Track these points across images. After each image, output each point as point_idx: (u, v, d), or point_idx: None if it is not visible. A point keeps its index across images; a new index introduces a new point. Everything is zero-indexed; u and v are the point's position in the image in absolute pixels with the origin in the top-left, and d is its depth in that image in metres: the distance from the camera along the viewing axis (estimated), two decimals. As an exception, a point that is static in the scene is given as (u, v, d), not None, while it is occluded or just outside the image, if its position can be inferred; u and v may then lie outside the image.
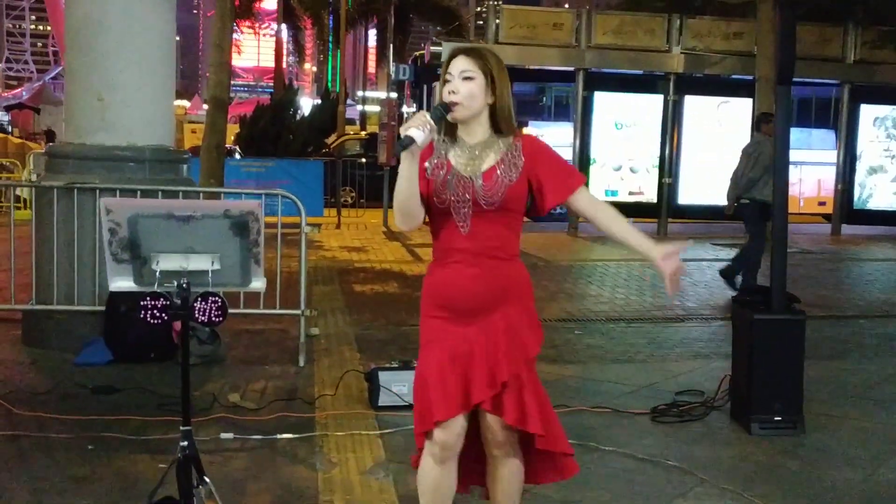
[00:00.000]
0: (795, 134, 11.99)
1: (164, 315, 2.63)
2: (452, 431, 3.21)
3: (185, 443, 2.71)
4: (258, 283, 2.74)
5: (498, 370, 3.15)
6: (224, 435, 5.01)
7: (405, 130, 2.96)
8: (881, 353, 7.63)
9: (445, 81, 3.19)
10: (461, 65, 3.17)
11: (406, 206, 3.09)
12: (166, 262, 2.61)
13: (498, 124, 3.24)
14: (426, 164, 3.17)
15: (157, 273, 2.62)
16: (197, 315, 2.64)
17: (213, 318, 2.65)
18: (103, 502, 4.11)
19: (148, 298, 2.61)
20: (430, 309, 3.27)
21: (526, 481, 3.45)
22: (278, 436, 5.07)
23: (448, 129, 3.25)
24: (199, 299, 2.67)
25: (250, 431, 5.11)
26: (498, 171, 3.17)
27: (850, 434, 5.42)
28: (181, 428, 2.75)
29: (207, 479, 2.74)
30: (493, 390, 3.15)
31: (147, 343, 6.49)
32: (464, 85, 3.14)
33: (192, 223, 2.60)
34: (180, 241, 2.61)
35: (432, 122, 3.01)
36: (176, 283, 2.63)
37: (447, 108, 3.12)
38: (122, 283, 2.65)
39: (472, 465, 3.42)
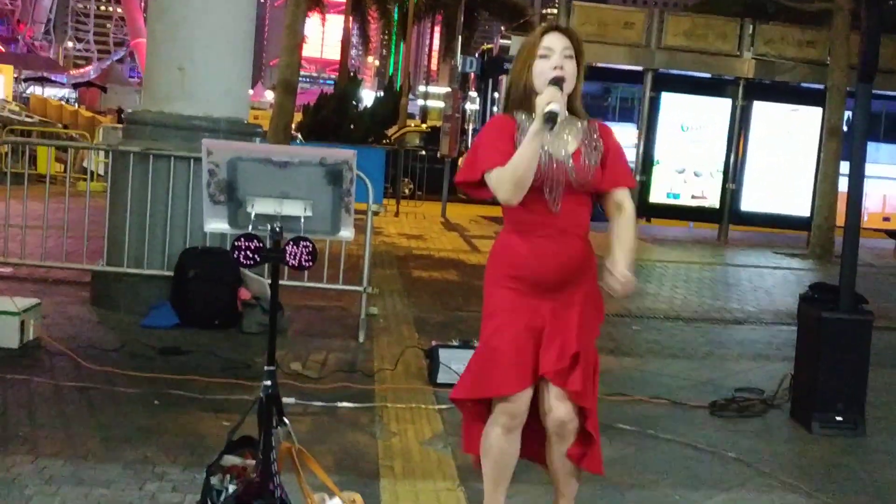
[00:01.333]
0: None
1: (256, 256, 2.70)
2: (522, 401, 3.23)
3: (269, 382, 2.77)
4: (347, 233, 2.80)
5: (570, 344, 3.18)
6: (286, 399, 5.04)
7: (546, 106, 3.01)
8: (945, 366, 7.50)
9: (542, 56, 3.22)
10: (562, 42, 3.22)
11: (525, 177, 3.09)
12: (261, 206, 2.68)
13: (574, 106, 3.29)
14: (515, 141, 3.19)
15: (252, 216, 2.70)
16: (288, 258, 2.71)
17: (304, 263, 2.71)
18: (169, 452, 4.20)
19: (242, 239, 2.67)
20: (503, 279, 3.29)
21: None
22: (339, 404, 5.15)
23: (532, 108, 3.24)
24: (291, 243, 2.73)
25: (311, 398, 5.19)
26: (584, 153, 3.24)
27: (913, 439, 5.35)
28: (265, 368, 2.81)
29: (287, 421, 2.81)
30: (562, 363, 3.18)
31: (212, 309, 6.62)
32: (568, 63, 3.21)
33: (288, 169, 2.67)
34: (276, 185, 2.68)
35: (560, 94, 3.10)
36: (269, 227, 2.70)
37: (560, 80, 3.15)
38: (217, 224, 2.73)
39: (532, 437, 3.41)
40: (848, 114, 14.20)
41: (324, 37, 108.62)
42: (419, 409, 5.17)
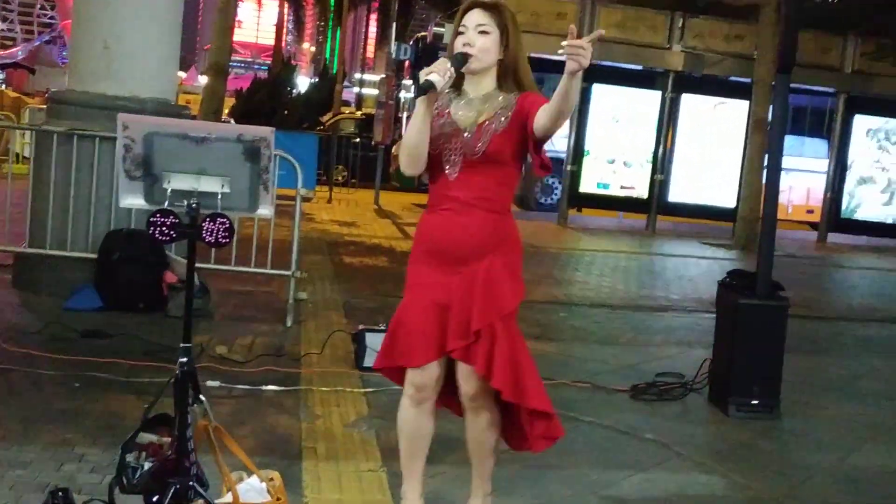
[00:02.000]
0: (789, 141, 12.07)
1: (172, 232, 2.69)
2: (427, 374, 3.28)
3: (185, 359, 2.77)
4: (266, 211, 2.80)
5: (472, 320, 3.19)
6: (210, 382, 5.05)
7: (426, 75, 3.02)
8: (859, 353, 7.75)
9: (459, 33, 3.22)
10: (477, 18, 3.21)
11: (415, 148, 3.15)
12: (177, 182, 2.67)
13: (504, 80, 3.27)
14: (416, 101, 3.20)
15: (168, 192, 2.69)
16: (204, 235, 2.70)
17: (220, 240, 2.71)
18: (89, 434, 4.17)
19: (158, 215, 2.66)
20: (418, 254, 3.35)
21: (515, 447, 3.51)
22: (264, 387, 5.14)
23: (454, 81, 3.25)
24: (208, 220, 2.72)
25: (236, 381, 5.18)
26: (488, 121, 3.21)
27: (825, 422, 5.53)
28: (181, 345, 2.81)
29: (203, 398, 2.81)
30: (466, 340, 3.19)
31: (136, 292, 6.55)
32: (479, 38, 3.19)
33: (205, 145, 2.66)
34: (193, 161, 2.67)
35: (452, 69, 3.08)
36: (186, 203, 2.69)
37: (466, 58, 3.16)
38: (133, 200, 2.72)
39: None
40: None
41: (259, 22, 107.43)
42: (344, 393, 5.19)
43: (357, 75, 50.33)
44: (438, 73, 3.03)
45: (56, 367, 5.10)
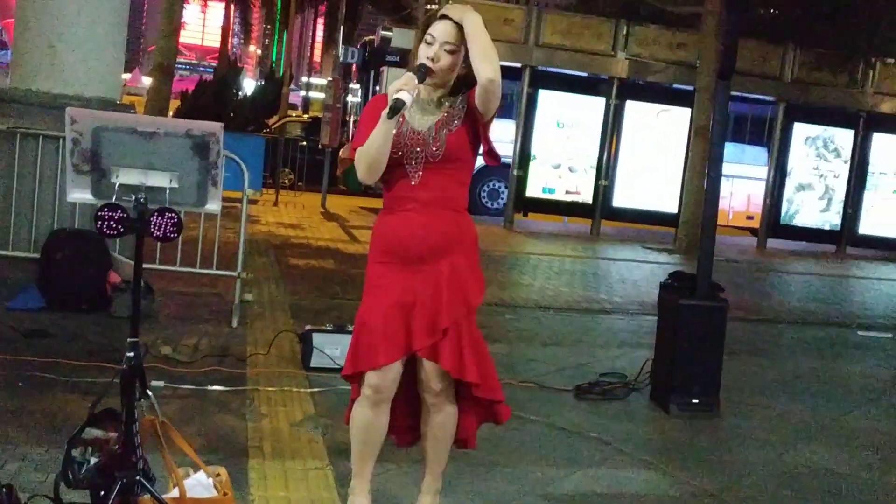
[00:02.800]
0: (730, 148, 12.28)
1: (120, 227, 2.69)
2: (387, 376, 3.30)
3: (132, 353, 2.77)
4: (213, 206, 2.82)
5: (439, 317, 3.24)
6: (155, 382, 5.01)
7: (395, 93, 3.06)
8: (796, 354, 7.94)
9: (426, 42, 3.26)
10: (446, 34, 3.23)
11: (376, 159, 3.19)
12: (125, 177, 2.68)
13: (461, 86, 3.33)
14: (382, 115, 3.23)
15: (116, 186, 2.69)
16: (152, 229, 2.71)
17: (169, 234, 2.72)
18: (33, 434, 4.14)
19: (105, 209, 2.66)
20: (377, 255, 3.38)
21: (459, 444, 3.57)
22: (209, 387, 5.14)
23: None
24: (156, 214, 2.73)
25: (181, 382, 5.17)
26: (442, 122, 3.28)
27: (763, 420, 5.66)
28: (128, 340, 2.81)
29: (150, 393, 2.81)
30: (434, 337, 3.25)
31: (80, 292, 6.49)
32: (445, 57, 3.23)
33: (154, 140, 2.67)
34: (141, 156, 2.68)
35: (416, 82, 3.13)
36: (134, 198, 2.70)
37: (428, 72, 3.20)
38: (81, 194, 2.71)
39: (413, 419, 3.51)
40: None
41: (205, 24, 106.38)
42: (291, 393, 5.20)
43: (304, 78, 50.12)
44: (408, 90, 3.07)
45: (-2, 366, 5.05)
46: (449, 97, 3.33)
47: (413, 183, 3.26)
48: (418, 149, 3.25)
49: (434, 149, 3.25)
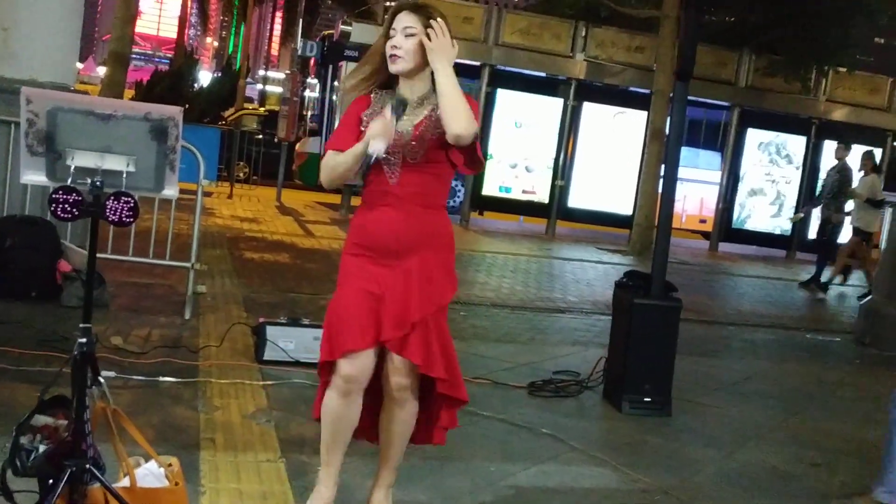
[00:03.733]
0: (684, 152, 12.41)
1: (74, 210, 2.64)
2: (358, 364, 3.30)
3: (84, 339, 2.72)
4: (171, 191, 2.77)
5: (409, 311, 3.25)
6: (105, 373, 4.91)
7: (371, 139, 3.13)
8: (746, 356, 8.04)
9: (389, 37, 3.29)
10: (405, 21, 3.27)
11: (341, 177, 3.30)
12: (81, 159, 2.63)
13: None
14: (362, 116, 3.31)
15: (72, 169, 2.64)
16: (108, 213, 2.67)
17: (124, 219, 2.67)
18: (-22, 422, 4.05)
19: (60, 192, 2.61)
20: (352, 247, 3.40)
21: (419, 441, 3.56)
22: (161, 378, 5.08)
23: (388, 82, 3.37)
24: (112, 198, 2.69)
25: (132, 372, 5.10)
26: (423, 126, 3.29)
27: (714, 419, 5.73)
28: (80, 325, 2.76)
29: (102, 380, 2.77)
30: (402, 330, 3.25)
31: (30, 280, 6.38)
32: (406, 41, 3.25)
33: (111, 122, 2.62)
34: (98, 139, 2.63)
35: (394, 119, 3.18)
36: (89, 181, 2.65)
37: (404, 103, 3.24)
38: (34, 176, 2.65)
39: (372, 417, 3.51)
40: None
41: (161, 13, 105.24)
42: (243, 385, 5.16)
43: (261, 72, 49.77)
44: (384, 137, 3.13)
45: (-57, 354, 4.95)
46: (431, 94, 3.32)
47: (392, 181, 3.29)
48: (398, 150, 3.27)
49: (414, 152, 3.28)
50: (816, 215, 14.29)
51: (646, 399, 5.60)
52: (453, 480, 4.15)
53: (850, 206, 12.72)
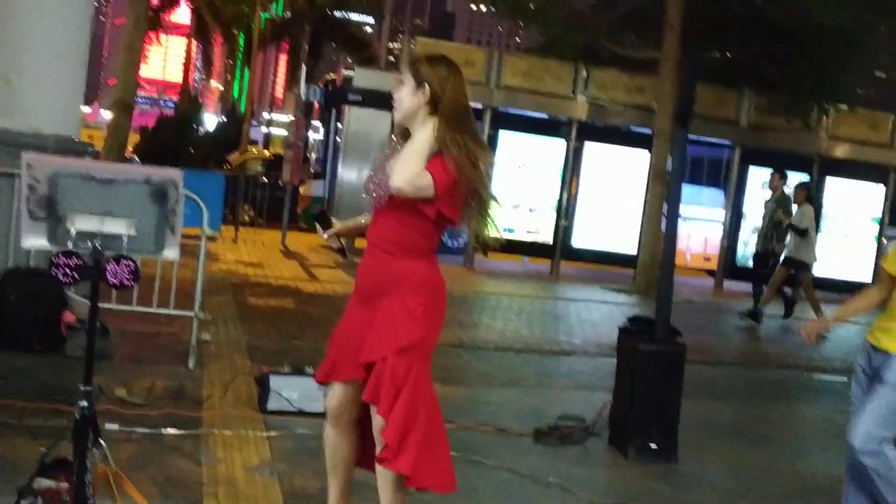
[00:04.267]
0: (687, 190, 12.45)
1: (75, 274, 2.66)
2: (333, 397, 3.60)
3: (85, 403, 2.72)
4: (172, 253, 2.79)
5: (362, 352, 3.43)
6: (109, 425, 4.95)
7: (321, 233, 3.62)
8: (752, 397, 8.01)
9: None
10: (401, 72, 3.56)
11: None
12: (82, 223, 2.65)
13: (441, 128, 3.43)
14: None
15: (72, 233, 2.66)
16: (108, 277, 2.68)
17: (125, 282, 2.69)
18: (-19, 479, 4.04)
19: (61, 256, 2.63)
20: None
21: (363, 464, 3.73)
22: (164, 430, 5.06)
23: (403, 131, 3.56)
24: (112, 261, 2.70)
25: (136, 424, 5.09)
26: (388, 166, 3.44)
27: (720, 465, 5.69)
28: (81, 388, 2.76)
29: (103, 443, 2.77)
30: (355, 373, 3.47)
31: (33, 332, 6.37)
32: (398, 92, 3.50)
33: (112, 186, 2.65)
34: (99, 203, 2.65)
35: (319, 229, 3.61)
36: (90, 245, 2.67)
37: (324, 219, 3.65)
38: (35, 241, 2.67)
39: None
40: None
41: (166, 58, 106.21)
42: (247, 436, 5.14)
43: (265, 115, 50.09)
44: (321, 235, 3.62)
45: (-54, 409, 4.94)
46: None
47: (368, 222, 3.58)
48: (370, 192, 3.49)
49: (378, 197, 3.47)
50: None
51: (651, 445, 5.56)
52: (458, 533, 4.12)
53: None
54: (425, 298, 3.48)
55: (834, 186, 18.50)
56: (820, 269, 18.41)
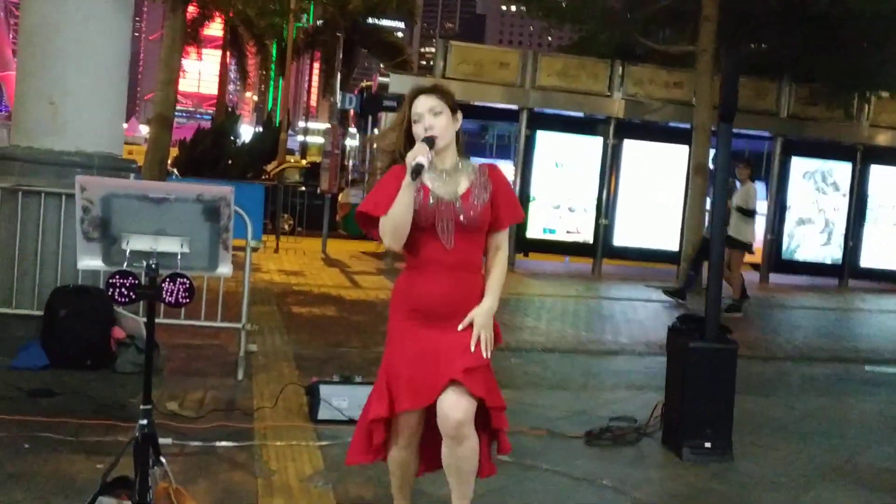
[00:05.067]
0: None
1: (131, 294, 2.67)
2: (409, 422, 3.63)
3: (145, 421, 2.74)
4: (225, 269, 2.81)
5: (462, 361, 3.52)
6: (162, 440, 4.94)
7: (414, 159, 3.36)
8: (805, 392, 7.89)
9: (415, 121, 3.59)
10: (428, 103, 3.59)
11: (402, 226, 3.48)
12: (136, 243, 2.66)
13: (460, 148, 3.70)
14: (404, 182, 3.47)
15: (127, 253, 2.67)
16: (164, 295, 2.69)
17: (181, 300, 2.70)
18: (40, 497, 4.08)
19: (117, 276, 2.64)
20: (401, 312, 3.66)
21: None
22: (217, 443, 5.08)
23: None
24: (168, 280, 2.71)
25: (189, 438, 5.11)
26: (473, 194, 3.61)
27: (776, 462, 5.60)
28: (141, 407, 2.78)
29: (164, 460, 2.77)
30: (443, 384, 3.50)
31: (84, 349, 6.44)
32: (436, 120, 3.56)
33: (164, 205, 2.66)
34: (152, 222, 2.67)
35: (411, 178, 3.40)
36: (145, 264, 2.68)
37: (434, 140, 3.51)
38: (91, 262, 2.69)
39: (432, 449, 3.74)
40: (713, 151, 14.81)
41: (201, 71, 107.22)
42: (299, 447, 5.15)
43: (301, 124, 50.38)
44: (423, 155, 3.38)
45: (3, 427, 4.99)
46: (459, 163, 3.68)
47: (448, 247, 3.56)
48: (451, 216, 3.56)
49: (470, 218, 3.57)
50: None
51: (706, 444, 5.49)
52: (515, 539, 4.09)
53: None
54: None
55: (878, 174, 18.24)
56: (867, 259, 18.22)
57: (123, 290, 2.66)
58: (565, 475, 5.01)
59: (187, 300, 2.71)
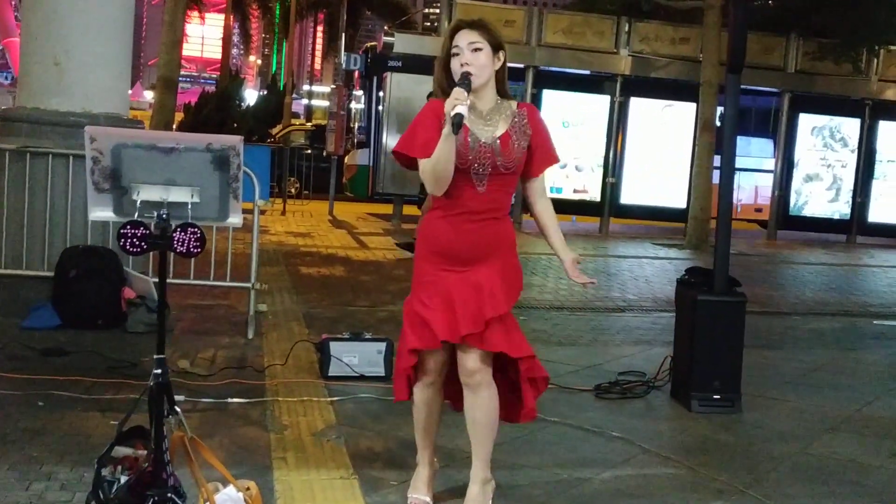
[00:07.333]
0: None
1: (143, 244, 2.68)
2: (439, 359, 3.62)
3: (159, 370, 2.76)
4: (236, 219, 2.81)
5: (483, 310, 3.48)
6: (175, 396, 5.02)
7: (452, 109, 3.27)
8: (813, 346, 7.91)
9: (454, 54, 3.48)
10: (468, 37, 3.47)
11: (445, 175, 3.41)
12: (147, 193, 2.67)
13: (502, 90, 3.58)
14: (444, 132, 3.40)
15: (138, 203, 2.68)
16: (175, 245, 2.70)
17: (192, 249, 2.71)
18: (55, 452, 4.12)
19: (128, 227, 2.65)
20: (426, 254, 3.62)
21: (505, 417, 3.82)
22: (229, 399, 5.12)
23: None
24: (178, 230, 2.72)
25: (201, 395, 5.15)
26: (512, 138, 3.52)
27: (785, 414, 5.63)
28: (155, 356, 2.80)
29: (178, 409, 2.80)
30: (478, 327, 3.48)
31: (95, 309, 6.48)
32: (474, 56, 3.45)
33: (173, 155, 2.66)
34: (161, 172, 2.67)
35: (467, 94, 3.33)
36: (155, 214, 2.69)
37: (468, 77, 3.40)
38: (102, 213, 2.70)
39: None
40: (720, 108, 14.74)
41: (204, 35, 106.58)
42: (311, 402, 5.19)
43: (305, 87, 50.18)
44: (462, 103, 3.28)
45: (17, 386, 5.04)
46: (500, 103, 3.57)
47: (479, 190, 3.49)
48: (488, 159, 3.48)
49: (508, 162, 3.51)
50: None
51: (715, 396, 5.52)
52: (526, 489, 4.13)
53: None
54: (516, 253, 3.71)
55: (887, 129, 18.12)
56: (875, 215, 18.17)
57: (135, 240, 2.67)
58: (575, 427, 5.05)
59: (199, 250, 2.71)
